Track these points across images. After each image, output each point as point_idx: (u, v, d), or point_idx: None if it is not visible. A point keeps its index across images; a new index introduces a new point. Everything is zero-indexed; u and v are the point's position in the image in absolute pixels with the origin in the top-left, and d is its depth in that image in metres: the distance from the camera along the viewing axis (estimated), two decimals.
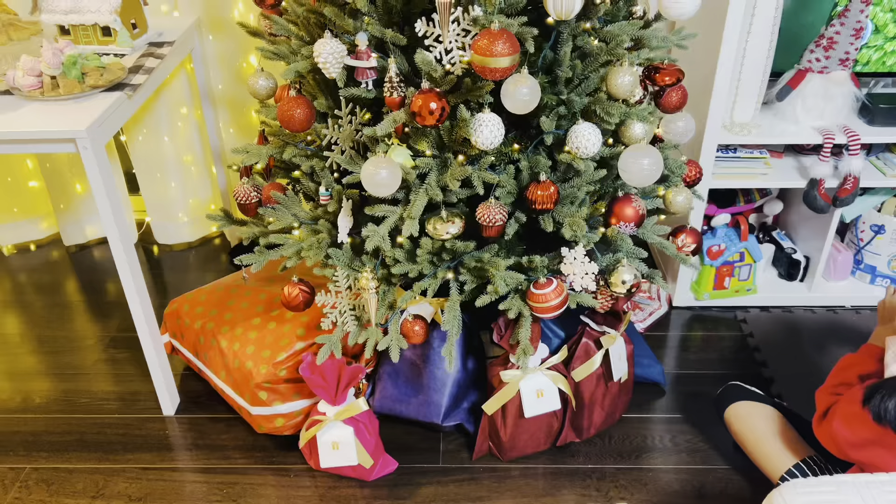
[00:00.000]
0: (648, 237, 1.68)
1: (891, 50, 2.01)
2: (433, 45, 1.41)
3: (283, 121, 1.48)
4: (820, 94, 1.98)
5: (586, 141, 1.44)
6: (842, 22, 1.89)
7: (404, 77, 1.48)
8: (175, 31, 2.03)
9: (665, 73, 1.51)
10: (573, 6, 1.31)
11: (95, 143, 1.53)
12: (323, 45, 1.41)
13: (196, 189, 2.53)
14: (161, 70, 1.86)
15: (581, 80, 1.51)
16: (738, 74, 1.98)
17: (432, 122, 1.37)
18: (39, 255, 2.60)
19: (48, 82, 1.59)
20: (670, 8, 1.44)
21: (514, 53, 1.28)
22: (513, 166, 1.54)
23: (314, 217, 1.67)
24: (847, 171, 1.97)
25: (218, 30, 2.25)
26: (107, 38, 1.87)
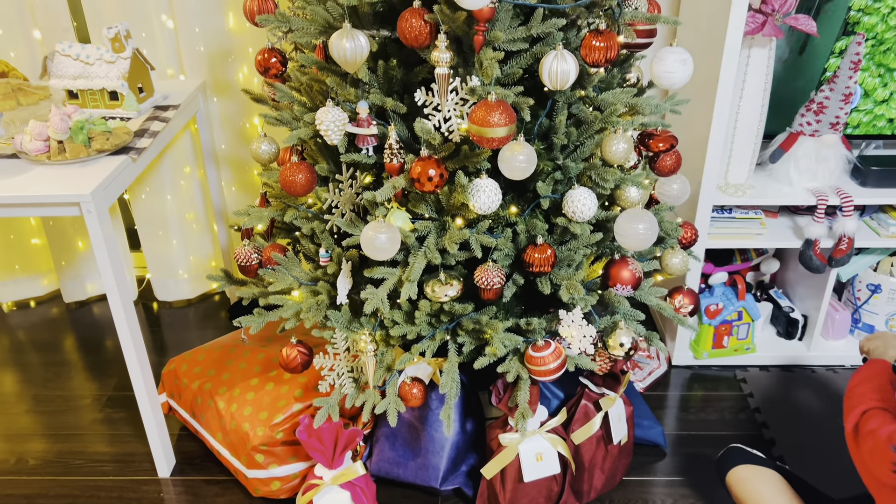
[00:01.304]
0: (646, 299, 1.69)
1: (880, 113, 2.06)
2: (432, 113, 1.45)
3: (284, 186, 1.50)
4: (812, 157, 2.01)
5: (582, 205, 1.47)
6: (831, 87, 1.94)
7: (404, 143, 1.51)
8: (180, 95, 2.08)
9: (659, 139, 1.55)
10: (568, 78, 1.35)
11: (99, 206, 1.55)
12: (325, 113, 1.45)
13: (197, 246, 2.55)
14: (166, 133, 1.90)
15: (576, 147, 1.55)
16: (732, 137, 2.02)
17: (431, 189, 1.40)
18: (39, 311, 2.60)
19: (55, 147, 1.62)
20: (662, 78, 1.48)
21: (511, 124, 1.31)
22: (510, 229, 1.56)
23: (314, 278, 1.68)
24: (841, 232, 2.00)
25: (222, 92, 2.30)
26: (114, 101, 1.92)
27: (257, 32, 2.23)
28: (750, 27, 1.84)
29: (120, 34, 1.86)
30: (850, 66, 1.89)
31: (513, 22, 1.40)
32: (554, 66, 1.34)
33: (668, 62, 1.47)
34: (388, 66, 1.50)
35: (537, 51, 1.42)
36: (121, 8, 2.13)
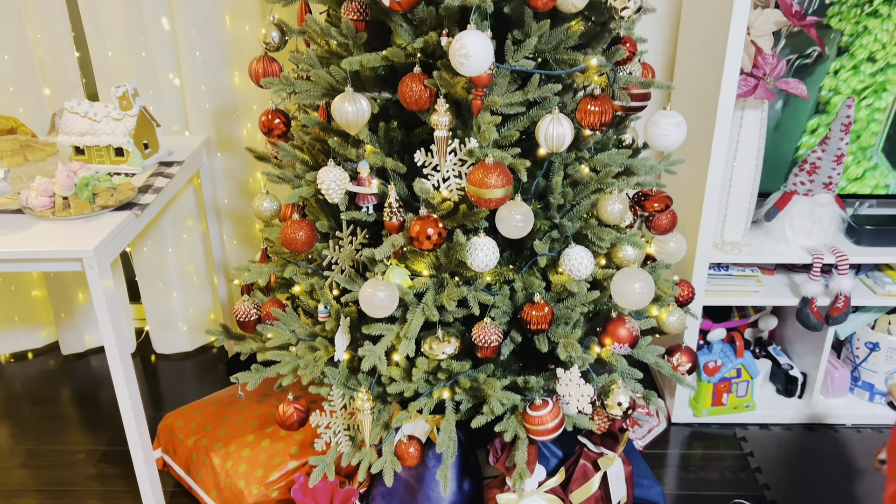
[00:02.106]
0: (643, 357, 1.69)
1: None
2: (431, 173, 1.48)
3: (285, 243, 1.52)
4: (806, 216, 2.04)
5: (579, 264, 1.48)
6: (823, 149, 1.97)
7: (403, 202, 1.54)
8: (185, 151, 2.12)
9: (654, 199, 1.57)
10: (563, 141, 1.38)
11: (101, 262, 1.57)
12: (326, 172, 1.48)
13: (197, 299, 2.56)
14: (170, 188, 1.93)
15: (573, 206, 1.57)
16: (727, 196, 2.05)
17: (430, 247, 1.42)
18: (36, 363, 2.59)
19: (60, 202, 1.65)
20: (657, 141, 1.51)
21: (508, 185, 1.34)
22: (508, 287, 1.57)
23: (312, 334, 1.69)
24: (838, 290, 2.01)
25: (226, 148, 2.35)
26: (119, 157, 1.95)
27: (262, 90, 2.28)
28: (742, 90, 1.88)
29: (128, 93, 1.91)
30: (841, 129, 1.93)
31: (510, 87, 1.44)
32: (550, 129, 1.38)
33: (663, 125, 1.50)
34: (388, 127, 1.54)
35: (534, 114, 1.46)
36: (129, 66, 2.19)
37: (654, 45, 2.22)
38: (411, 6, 1.31)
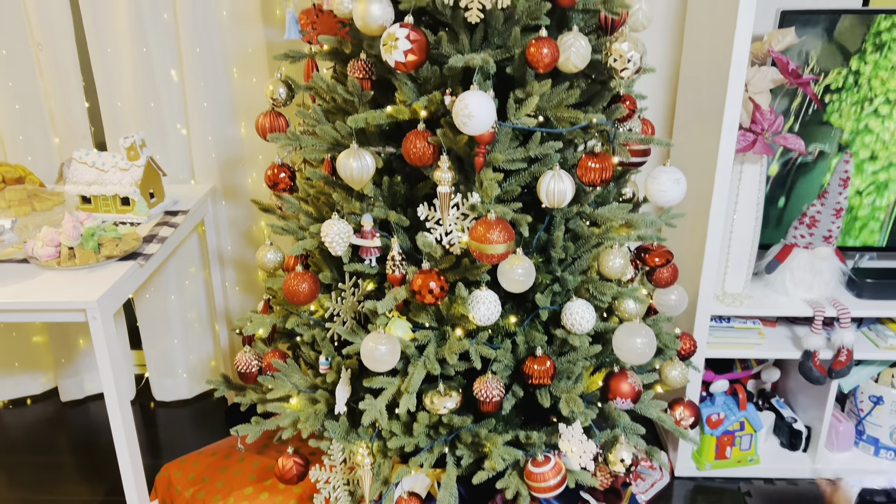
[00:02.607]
0: (646, 412, 1.68)
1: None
2: (434, 227, 1.49)
3: (288, 295, 1.53)
4: (807, 268, 2.05)
5: (580, 318, 1.49)
6: (822, 202, 1.99)
7: (406, 255, 1.55)
8: (190, 200, 2.15)
9: (655, 254, 1.58)
10: (565, 197, 1.40)
11: (105, 312, 1.57)
12: (330, 225, 1.49)
13: (198, 346, 2.56)
14: (174, 238, 1.94)
15: (574, 260, 1.58)
16: (728, 248, 2.06)
17: (432, 301, 1.43)
18: (34, 410, 2.58)
19: (65, 252, 1.66)
20: (657, 196, 1.53)
21: (510, 241, 1.35)
22: (509, 340, 1.58)
23: (312, 385, 1.68)
24: (840, 344, 2.00)
25: (231, 196, 2.37)
26: (125, 207, 1.97)
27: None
28: (741, 145, 1.91)
29: (136, 143, 1.94)
30: (840, 183, 1.95)
31: (512, 143, 1.46)
32: (551, 185, 1.40)
33: (662, 181, 1.52)
34: (392, 181, 1.56)
35: (535, 170, 1.48)
36: (138, 116, 2.23)
37: (653, 101, 2.26)
38: (416, 67, 1.34)
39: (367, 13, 1.35)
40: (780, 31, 1.89)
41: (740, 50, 1.76)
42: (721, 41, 1.83)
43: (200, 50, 2.16)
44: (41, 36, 2.14)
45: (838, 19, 1.92)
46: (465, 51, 1.41)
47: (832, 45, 1.94)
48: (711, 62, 1.90)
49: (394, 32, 1.31)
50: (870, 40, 1.93)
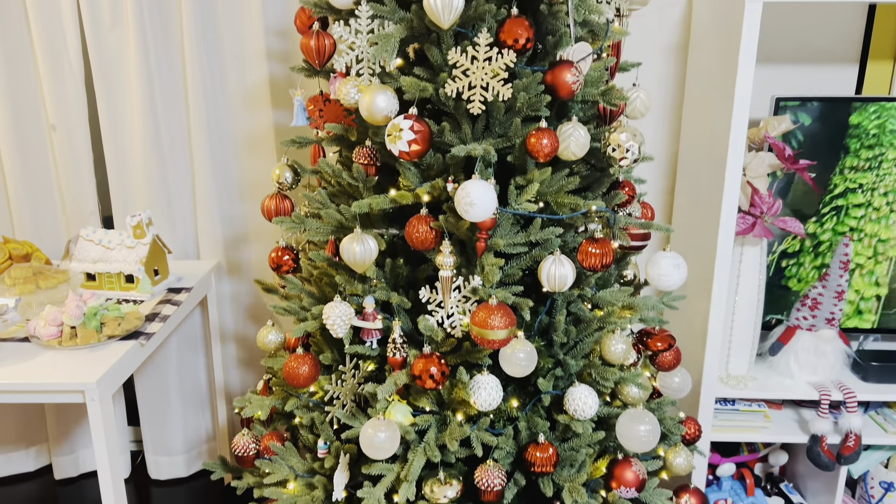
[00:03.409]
0: (651, 500, 1.64)
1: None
2: (435, 310, 1.50)
3: (288, 377, 1.52)
4: (811, 350, 2.04)
5: (583, 404, 1.47)
6: (823, 285, 2.00)
7: (407, 337, 1.55)
8: (194, 277, 2.16)
9: (657, 338, 1.58)
10: (566, 281, 1.41)
11: (103, 394, 1.56)
12: (332, 308, 1.50)
13: (196, 423, 2.52)
14: (176, 316, 1.95)
15: (576, 343, 1.58)
16: (730, 330, 2.06)
17: (432, 386, 1.42)
18: (26, 488, 2.52)
19: (67, 332, 1.66)
20: (657, 281, 1.54)
21: (511, 326, 1.35)
22: (511, 426, 1.55)
23: (310, 470, 1.65)
24: (848, 428, 1.97)
25: (235, 272, 2.39)
26: (129, 284, 1.99)
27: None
28: (740, 228, 1.93)
29: (142, 222, 1.96)
30: (840, 266, 1.96)
31: (513, 228, 1.48)
32: (552, 270, 1.41)
33: (663, 266, 1.53)
34: (395, 263, 1.57)
35: (536, 254, 1.49)
36: (146, 193, 2.27)
37: (653, 184, 2.30)
38: (419, 156, 1.37)
39: (372, 104, 1.39)
40: (776, 118, 1.94)
41: (737, 136, 1.80)
42: (718, 127, 1.87)
43: (210, 131, 2.21)
44: (55, 117, 2.20)
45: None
46: (468, 140, 1.45)
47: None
48: (709, 147, 1.94)
49: (398, 123, 1.35)
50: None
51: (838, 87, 2.17)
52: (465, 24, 1.39)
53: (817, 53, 2.15)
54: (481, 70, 1.35)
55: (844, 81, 2.17)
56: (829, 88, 2.17)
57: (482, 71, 1.35)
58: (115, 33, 2.13)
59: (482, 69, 1.35)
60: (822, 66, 2.16)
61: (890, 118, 1.95)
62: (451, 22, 1.32)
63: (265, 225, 2.35)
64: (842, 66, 2.16)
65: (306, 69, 1.69)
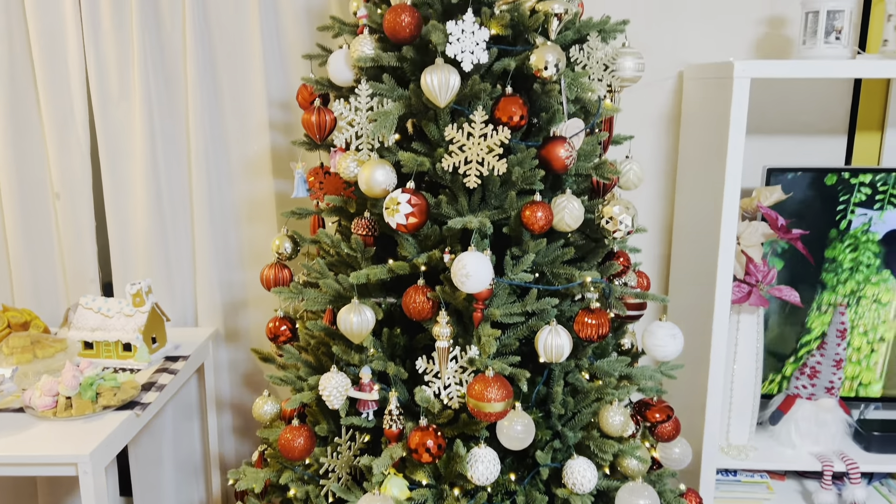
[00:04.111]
0: None
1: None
2: (432, 380, 1.49)
3: (283, 450, 1.51)
4: (812, 420, 2.02)
5: (582, 477, 1.45)
6: (822, 353, 2.00)
7: (404, 408, 1.54)
8: (192, 345, 2.16)
9: (655, 409, 1.57)
10: (562, 352, 1.41)
11: (97, 466, 1.55)
12: (329, 378, 1.49)
13: (190, 494, 2.48)
14: (173, 385, 1.94)
15: (574, 414, 1.57)
16: (730, 399, 2.04)
17: (429, 460, 1.40)
18: None
19: (62, 402, 1.66)
20: (654, 351, 1.55)
21: (508, 398, 1.35)
22: (510, 500, 1.53)
23: None
24: (852, 500, 1.94)
25: (233, 340, 2.38)
26: (127, 353, 1.98)
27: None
28: (736, 296, 1.94)
29: (142, 290, 1.98)
30: (837, 335, 1.97)
31: (509, 298, 1.49)
32: (549, 340, 1.41)
33: (659, 336, 1.54)
34: (392, 333, 1.58)
35: (533, 324, 1.50)
36: (145, 260, 2.28)
37: (648, 252, 2.32)
38: (416, 229, 1.40)
39: (371, 178, 1.42)
40: (768, 189, 1.97)
41: (730, 206, 1.83)
42: (711, 197, 1.91)
43: (211, 199, 2.25)
44: (60, 186, 2.24)
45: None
46: (464, 212, 1.47)
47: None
48: (703, 216, 1.97)
49: (396, 197, 1.38)
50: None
51: (828, 158, 2.22)
52: (461, 102, 1.44)
53: (806, 125, 2.21)
54: (477, 146, 1.39)
55: (834, 152, 2.22)
56: (819, 158, 2.22)
57: (478, 146, 1.39)
58: (121, 105, 2.19)
59: (478, 145, 1.39)
60: (812, 136, 2.22)
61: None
62: (447, 100, 1.37)
63: (264, 291, 2.37)
64: (831, 137, 2.21)
65: (307, 143, 1.73)
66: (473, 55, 1.38)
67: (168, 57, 2.18)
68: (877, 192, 1.99)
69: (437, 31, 1.38)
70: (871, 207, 1.99)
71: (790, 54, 2.14)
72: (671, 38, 2.15)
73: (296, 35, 2.15)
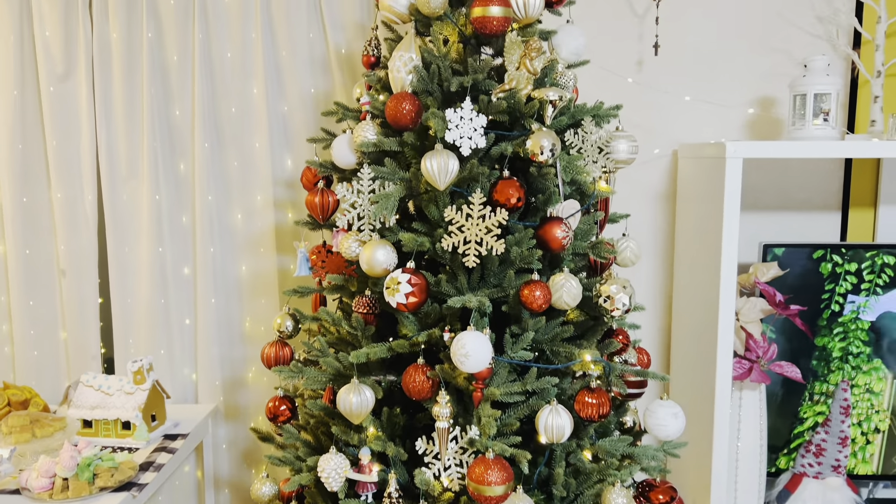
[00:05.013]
0: None
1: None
2: (432, 462, 1.48)
3: None
4: (819, 499, 1.98)
5: None
6: (826, 430, 1.98)
7: (404, 489, 1.52)
8: (191, 422, 2.14)
9: (659, 490, 1.55)
10: (563, 432, 1.40)
11: None
12: (327, 460, 1.48)
13: None
14: (171, 465, 1.92)
15: (576, 496, 1.54)
16: (735, 477, 2.01)
17: None
18: None
19: (59, 484, 1.64)
20: (655, 430, 1.54)
21: (509, 481, 1.34)
22: None
23: None
24: None
25: (232, 417, 2.37)
26: (126, 431, 1.97)
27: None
28: (737, 373, 1.94)
29: (143, 367, 1.98)
30: (841, 412, 1.95)
31: (509, 376, 1.49)
32: (549, 420, 1.41)
33: (660, 416, 1.53)
34: (392, 412, 1.57)
35: (533, 403, 1.50)
36: (148, 336, 2.29)
37: (648, 328, 2.32)
38: (416, 308, 1.41)
39: (372, 258, 1.45)
40: (765, 265, 2.00)
41: (727, 282, 1.85)
42: (709, 272, 1.93)
43: (215, 275, 2.27)
44: (66, 263, 2.27)
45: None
46: (464, 290, 1.49)
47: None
48: (701, 291, 1.98)
49: (396, 277, 1.40)
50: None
51: (823, 233, 2.25)
52: (460, 184, 1.48)
53: (801, 202, 2.24)
54: (476, 226, 1.42)
55: (829, 227, 2.25)
56: (815, 234, 2.25)
57: (477, 227, 1.42)
58: (129, 184, 2.25)
59: (477, 225, 1.42)
60: (808, 212, 2.25)
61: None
62: (447, 184, 1.41)
63: (265, 366, 2.36)
64: (826, 213, 2.25)
65: (310, 223, 1.77)
66: (472, 140, 1.43)
67: (177, 137, 2.24)
68: (863, 280, 2.01)
69: (437, 118, 1.44)
70: (858, 294, 2.01)
71: (781, 134, 2.20)
72: (665, 118, 2.22)
73: (301, 118, 2.22)
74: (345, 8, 2.17)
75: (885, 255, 2.00)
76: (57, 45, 2.18)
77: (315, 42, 2.19)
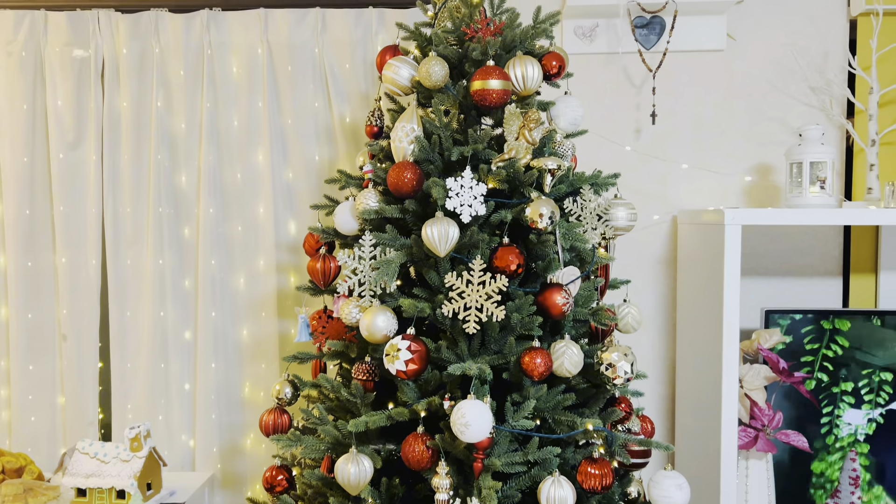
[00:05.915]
0: None
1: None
2: None
3: None
4: None
5: None
6: (835, 501, 1.93)
7: None
8: (187, 490, 2.10)
9: None
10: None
11: None
12: None
13: None
14: None
15: None
16: None
17: None
18: None
19: None
20: (661, 502, 1.50)
21: None
22: None
23: None
24: None
25: (230, 485, 2.32)
26: (120, 500, 1.93)
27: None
28: (742, 441, 1.90)
29: (140, 434, 1.96)
30: (850, 481, 1.91)
31: (511, 445, 1.47)
32: (552, 492, 1.38)
33: (665, 487, 1.50)
34: (391, 483, 1.54)
35: (535, 474, 1.47)
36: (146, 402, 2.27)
37: (652, 395, 2.29)
38: (416, 375, 1.41)
39: (372, 325, 1.45)
40: (767, 331, 1.99)
41: (730, 349, 1.84)
42: (711, 339, 1.92)
43: (216, 340, 2.27)
44: (67, 328, 2.27)
45: None
46: (464, 356, 1.49)
47: None
48: (704, 357, 1.97)
49: (396, 343, 1.40)
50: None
51: (825, 299, 2.25)
52: (460, 251, 1.49)
53: (802, 267, 2.25)
54: (476, 292, 1.42)
55: (830, 293, 2.25)
56: (817, 300, 2.24)
57: (477, 293, 1.42)
58: (133, 248, 2.27)
59: (477, 291, 1.42)
60: (809, 279, 2.25)
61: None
62: (447, 251, 1.42)
63: (263, 436, 2.33)
64: (827, 279, 2.25)
65: (311, 288, 1.77)
66: (472, 208, 1.45)
67: (182, 203, 2.27)
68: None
69: (438, 186, 1.46)
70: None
71: (779, 200, 2.23)
72: (664, 184, 2.25)
73: (305, 185, 2.26)
74: (349, 79, 2.23)
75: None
76: (68, 114, 2.24)
77: (320, 112, 2.25)
